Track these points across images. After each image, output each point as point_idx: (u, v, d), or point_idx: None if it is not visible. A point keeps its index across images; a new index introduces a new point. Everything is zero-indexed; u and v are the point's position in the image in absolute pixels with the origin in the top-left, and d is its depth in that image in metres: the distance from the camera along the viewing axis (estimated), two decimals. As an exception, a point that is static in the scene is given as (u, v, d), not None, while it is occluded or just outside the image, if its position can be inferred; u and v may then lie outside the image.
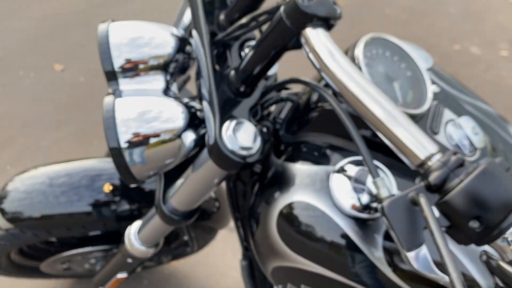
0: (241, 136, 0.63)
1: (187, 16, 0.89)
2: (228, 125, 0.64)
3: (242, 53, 0.74)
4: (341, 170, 0.63)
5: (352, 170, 0.63)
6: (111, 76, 0.73)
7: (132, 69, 0.74)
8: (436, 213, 0.49)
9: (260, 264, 0.76)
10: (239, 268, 1.62)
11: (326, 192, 0.64)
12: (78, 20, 2.96)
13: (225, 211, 1.31)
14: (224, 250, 1.77)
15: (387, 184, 0.52)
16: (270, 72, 0.76)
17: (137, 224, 0.99)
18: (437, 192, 0.48)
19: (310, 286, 0.67)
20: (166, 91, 0.76)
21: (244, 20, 0.67)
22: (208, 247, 1.54)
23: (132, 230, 0.99)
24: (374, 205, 0.61)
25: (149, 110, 0.70)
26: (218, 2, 0.76)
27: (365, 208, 0.61)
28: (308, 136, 0.72)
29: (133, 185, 0.76)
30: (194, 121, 0.73)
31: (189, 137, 0.72)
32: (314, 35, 0.55)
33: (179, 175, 0.79)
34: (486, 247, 0.50)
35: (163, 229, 0.90)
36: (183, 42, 0.79)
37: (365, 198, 0.61)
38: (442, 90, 0.74)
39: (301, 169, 0.68)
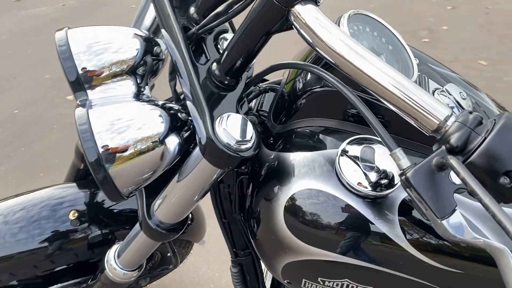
0: (235, 130, 0.60)
1: (149, 17, 0.85)
2: (220, 121, 0.60)
3: (219, 47, 0.71)
4: (344, 152, 0.61)
5: (355, 149, 0.61)
6: (77, 86, 0.68)
7: (99, 77, 0.69)
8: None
9: (266, 265, 0.72)
10: (216, 279, 1.56)
11: (331, 176, 0.62)
12: (2, 51, 2.78)
13: (200, 223, 1.26)
14: (198, 264, 1.71)
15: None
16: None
17: (116, 247, 0.92)
18: (460, 154, 0.47)
19: (328, 277, 0.64)
20: (139, 96, 0.72)
21: (220, 9, 0.63)
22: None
23: (111, 255, 0.91)
24: (383, 181, 0.60)
25: (126, 118, 0.65)
26: None
27: (375, 186, 0.59)
28: (299, 123, 0.69)
29: (116, 202, 0.71)
30: (175, 124, 0.68)
31: (173, 141, 0.68)
32: (305, 11, 0.53)
33: (161, 187, 0.74)
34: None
35: (149, 248, 0.83)
36: (149, 43, 0.74)
37: (373, 176, 0.60)
38: (421, 62, 0.75)
39: (298, 157, 0.65)
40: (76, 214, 1.07)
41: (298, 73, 0.73)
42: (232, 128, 0.60)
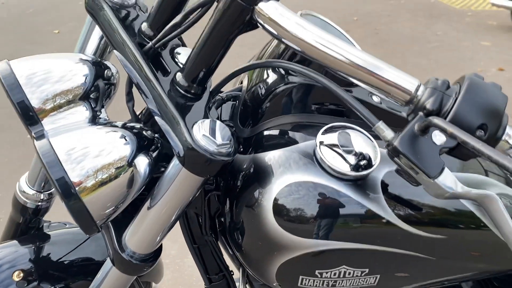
0: (214, 135, 0.59)
1: (93, 41, 0.81)
2: (198, 127, 0.59)
3: (176, 60, 0.70)
4: (321, 142, 0.63)
5: (331, 137, 0.63)
6: (30, 119, 0.65)
7: (45, 109, 0.66)
8: (441, 137, 0.50)
9: (258, 274, 0.69)
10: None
11: (312, 167, 0.63)
12: None
13: (158, 263, 1.19)
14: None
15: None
16: None
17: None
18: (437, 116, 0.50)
19: (325, 268, 0.64)
20: (96, 120, 0.69)
21: (176, 20, 0.63)
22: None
23: (75, 308, 0.83)
24: (363, 162, 0.62)
25: (91, 143, 0.63)
26: (128, 15, 0.71)
27: (356, 168, 0.61)
28: (268, 123, 0.70)
29: (90, 235, 0.65)
30: (142, 143, 0.66)
31: (143, 162, 0.65)
32: (268, 6, 0.55)
33: (127, 218, 0.70)
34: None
35: (122, 286, 0.77)
36: (99, 67, 0.72)
37: (352, 159, 0.62)
38: None
39: (275, 155, 0.65)
40: (22, 275, 0.97)
41: (259, 76, 0.74)
42: (209, 133, 0.59)
